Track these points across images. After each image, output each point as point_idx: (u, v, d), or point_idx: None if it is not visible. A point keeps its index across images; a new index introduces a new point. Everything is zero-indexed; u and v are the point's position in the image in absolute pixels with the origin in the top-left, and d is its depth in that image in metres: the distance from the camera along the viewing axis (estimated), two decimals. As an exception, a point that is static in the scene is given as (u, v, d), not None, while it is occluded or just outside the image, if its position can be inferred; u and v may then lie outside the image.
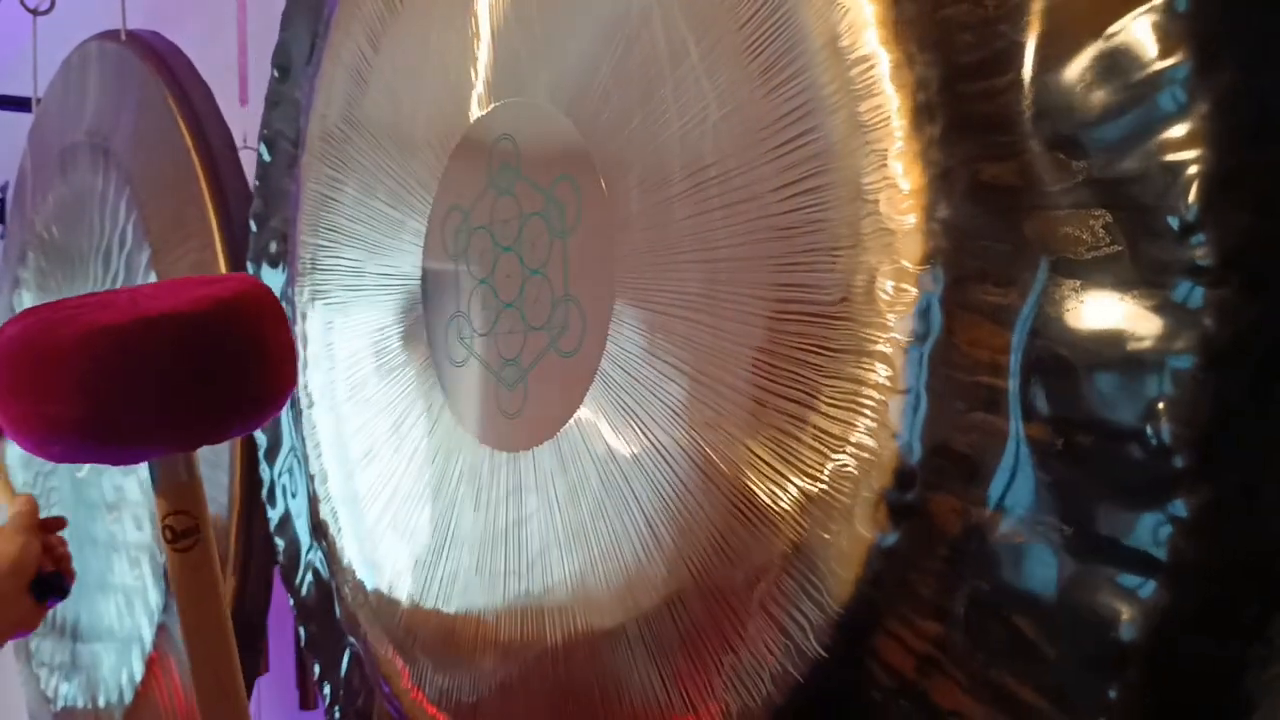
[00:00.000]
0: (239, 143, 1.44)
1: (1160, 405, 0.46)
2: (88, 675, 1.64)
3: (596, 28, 0.74)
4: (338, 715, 1.00)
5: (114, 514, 1.53)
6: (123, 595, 1.52)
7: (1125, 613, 0.47)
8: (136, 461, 0.57)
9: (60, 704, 1.73)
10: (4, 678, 2.23)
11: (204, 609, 0.58)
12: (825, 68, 0.59)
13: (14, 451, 1.85)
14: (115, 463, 0.59)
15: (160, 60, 1.47)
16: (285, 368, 0.57)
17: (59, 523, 1.05)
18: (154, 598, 1.43)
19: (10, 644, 1.95)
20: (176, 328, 0.52)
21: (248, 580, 1.30)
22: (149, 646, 1.46)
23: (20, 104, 1.91)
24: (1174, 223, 0.47)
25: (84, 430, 0.52)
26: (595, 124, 0.73)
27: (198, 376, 0.53)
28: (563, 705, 0.73)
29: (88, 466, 1.59)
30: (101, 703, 1.60)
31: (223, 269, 1.32)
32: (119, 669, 1.54)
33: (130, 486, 1.49)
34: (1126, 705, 0.47)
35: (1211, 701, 0.48)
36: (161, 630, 1.43)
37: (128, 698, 1.52)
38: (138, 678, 1.50)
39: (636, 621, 0.68)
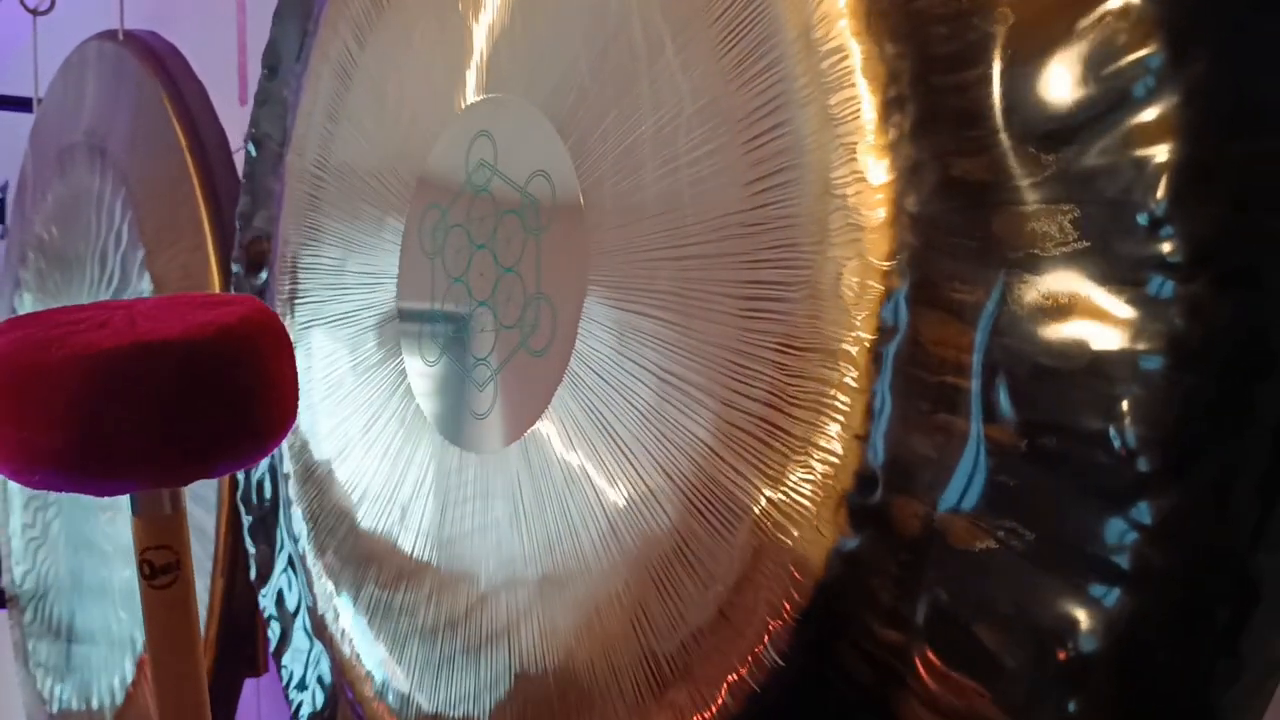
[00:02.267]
0: (238, 144, 1.43)
1: (1126, 406, 0.45)
2: (81, 677, 1.64)
3: (576, 24, 0.73)
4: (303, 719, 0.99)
5: (108, 515, 1.53)
6: (116, 598, 1.51)
7: (1088, 622, 0.45)
8: (120, 493, 0.52)
9: (56, 706, 1.72)
10: (2, 679, 2.23)
11: (179, 651, 0.54)
12: (798, 60, 0.58)
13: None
14: (99, 494, 0.51)
15: (157, 60, 1.47)
16: (287, 401, 0.53)
17: None
18: (145, 601, 1.43)
19: (9, 645, 1.95)
20: (176, 356, 0.48)
21: (235, 582, 1.29)
22: (140, 649, 1.45)
23: (20, 104, 1.91)
24: (1142, 218, 0.45)
25: (68, 459, 0.48)
26: (571, 120, 0.72)
27: (195, 409, 0.49)
28: (525, 713, 0.72)
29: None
30: (94, 704, 1.60)
31: (214, 270, 1.31)
32: (111, 671, 1.54)
33: (124, 488, 1.48)
34: (1087, 717, 0.46)
35: (1178, 714, 0.46)
36: (152, 634, 1.42)
37: (119, 699, 1.52)
38: (129, 680, 1.49)
39: (598, 628, 0.67)
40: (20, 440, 0.48)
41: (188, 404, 0.49)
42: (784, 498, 0.56)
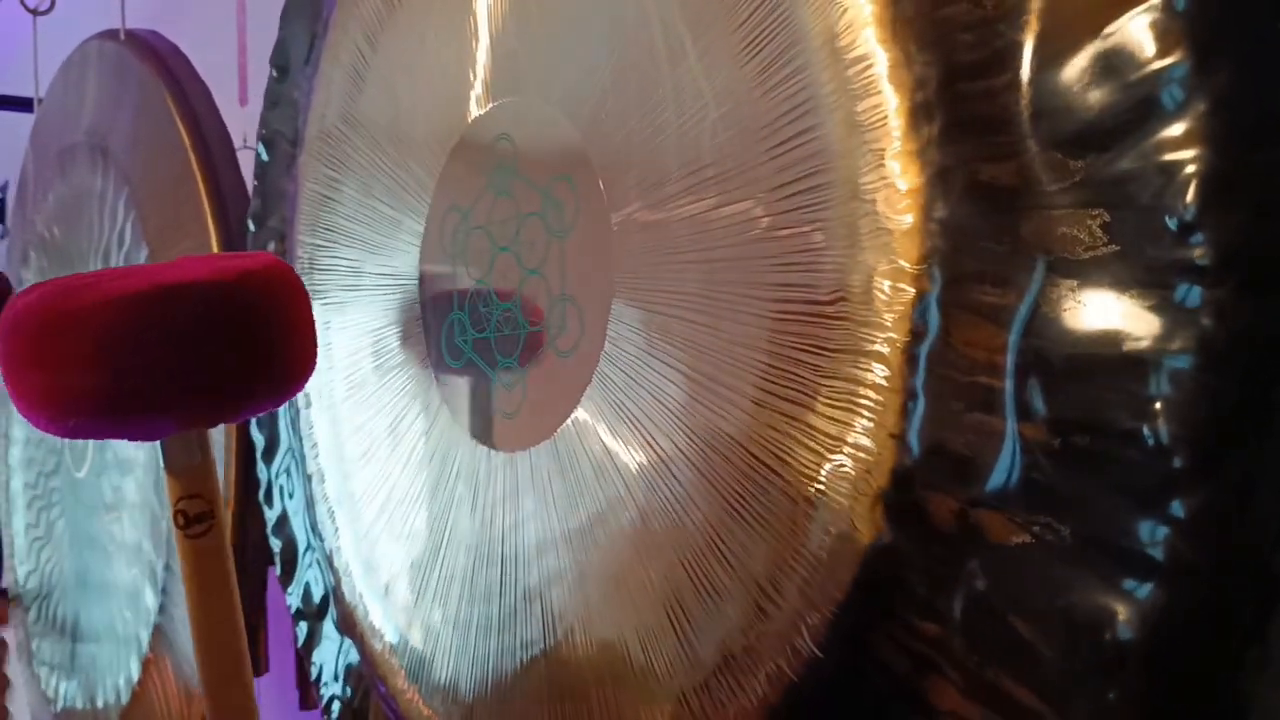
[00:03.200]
0: (239, 143, 1.44)
1: (1158, 406, 0.46)
2: (86, 675, 1.64)
3: (595, 28, 0.74)
4: (335, 714, 1.00)
5: (113, 514, 1.53)
6: (121, 596, 1.52)
7: (1122, 613, 0.47)
8: (152, 437, 0.54)
9: (60, 704, 1.73)
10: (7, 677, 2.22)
11: (216, 598, 0.56)
12: (823, 67, 0.59)
13: (15, 453, 1.85)
14: (131, 437, 0.53)
15: (159, 60, 1.47)
16: (307, 345, 0.55)
17: None
18: (150, 599, 1.43)
19: (13, 644, 1.95)
20: (200, 296, 0.50)
21: (244, 581, 1.30)
22: (145, 648, 1.46)
23: (21, 104, 1.91)
24: (1172, 223, 0.46)
25: (102, 400, 0.50)
26: (593, 123, 0.73)
27: (220, 347, 0.51)
28: (559, 706, 0.73)
29: (87, 466, 1.59)
30: (99, 703, 1.60)
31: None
32: (116, 670, 1.54)
33: (129, 488, 1.49)
34: (1124, 706, 0.47)
35: (1208, 702, 0.47)
36: (157, 631, 1.43)
37: (125, 698, 1.53)
38: (135, 678, 1.50)
39: (633, 622, 0.68)
40: (54, 385, 0.50)
41: (213, 343, 0.51)
42: (819, 494, 0.57)
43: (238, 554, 1.29)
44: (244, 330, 0.52)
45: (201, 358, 0.51)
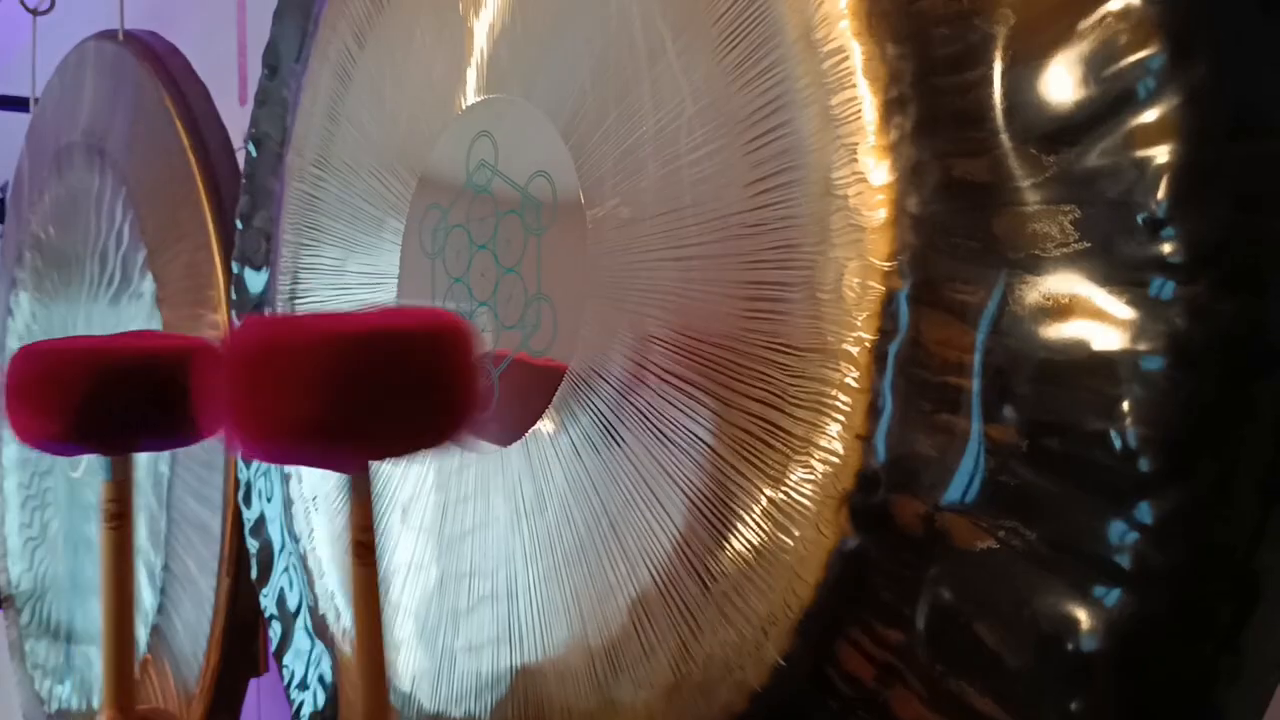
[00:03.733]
0: (237, 143, 1.43)
1: (1127, 406, 0.45)
2: (81, 677, 1.63)
3: (577, 25, 0.73)
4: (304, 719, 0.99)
5: (108, 516, 1.53)
6: (115, 598, 1.51)
7: (1089, 621, 0.45)
8: (345, 468, 0.60)
9: (54, 706, 1.72)
10: None
11: (377, 617, 0.61)
12: (799, 61, 0.58)
13: (9, 453, 1.85)
14: (329, 465, 0.62)
15: (157, 60, 1.46)
16: (476, 392, 0.60)
17: None
18: (148, 599, 1.43)
19: (4, 645, 1.95)
20: (411, 343, 0.56)
21: (240, 581, 1.29)
22: (143, 649, 1.45)
23: (19, 104, 1.91)
24: (1143, 218, 0.45)
25: (319, 429, 0.55)
26: (573, 121, 0.72)
27: (423, 390, 0.57)
28: (526, 709, 0.72)
29: (83, 468, 1.59)
30: (95, 704, 1.60)
31: (219, 269, 1.31)
32: (111, 671, 1.54)
33: (124, 488, 1.48)
34: (1091, 715, 0.46)
35: (1180, 712, 0.46)
36: (155, 631, 1.42)
37: (120, 700, 1.52)
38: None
39: (601, 626, 0.67)
40: (275, 412, 0.55)
41: (418, 387, 0.56)
42: (785, 498, 0.56)
43: (234, 554, 1.29)
44: (444, 377, 0.58)
45: (406, 399, 0.56)
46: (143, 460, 1.44)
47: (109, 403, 0.71)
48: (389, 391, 0.55)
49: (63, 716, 1.70)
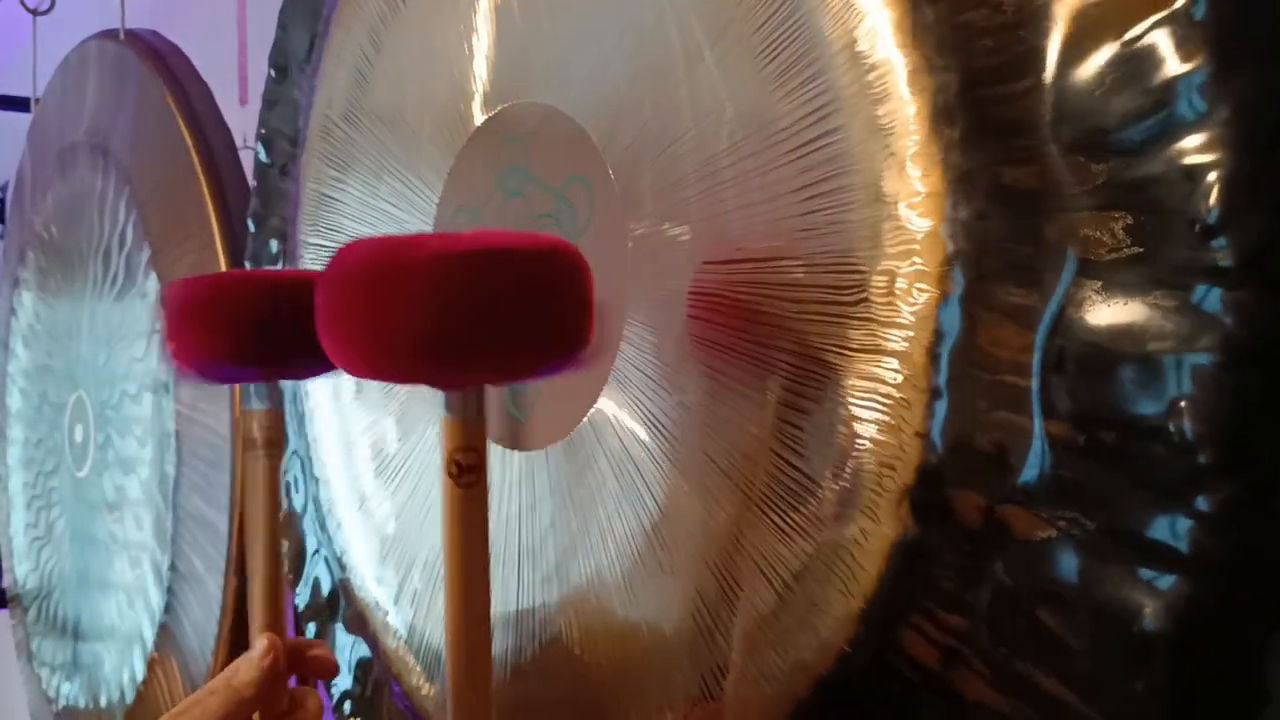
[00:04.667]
0: (239, 142, 1.44)
1: (1182, 403, 0.47)
2: (89, 675, 1.64)
3: (607, 28, 0.75)
4: (347, 712, 1.00)
5: (115, 514, 1.54)
6: (124, 595, 1.52)
7: (1148, 605, 0.48)
8: (450, 386, 0.59)
9: (62, 704, 1.73)
10: (5, 677, 2.22)
11: (475, 547, 0.60)
12: (843, 71, 0.60)
13: (15, 453, 1.85)
14: (433, 383, 0.59)
15: (159, 60, 1.47)
16: (589, 320, 0.60)
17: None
18: (155, 598, 1.44)
19: (11, 643, 1.95)
20: (523, 261, 0.56)
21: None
22: (150, 646, 1.46)
23: (20, 104, 1.91)
24: (1195, 226, 0.47)
25: (425, 345, 0.55)
26: (607, 125, 0.74)
27: (531, 310, 0.57)
28: (580, 698, 0.74)
29: (89, 466, 1.60)
30: (103, 703, 1.60)
31: (222, 269, 1.32)
32: (120, 669, 1.54)
33: (131, 486, 1.49)
34: (1151, 696, 0.48)
35: (1232, 691, 0.49)
36: (163, 630, 1.43)
37: (129, 698, 1.53)
38: (139, 678, 1.50)
39: (655, 618, 0.69)
40: (381, 328, 0.55)
41: (526, 306, 0.56)
42: (844, 492, 0.58)
43: (243, 552, 1.30)
44: (553, 299, 0.58)
45: (514, 317, 0.56)
46: (146, 458, 1.45)
47: (275, 324, 0.73)
48: (502, 308, 0.55)
49: (70, 714, 1.71)
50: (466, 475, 0.59)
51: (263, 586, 0.79)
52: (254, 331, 0.74)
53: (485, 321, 0.55)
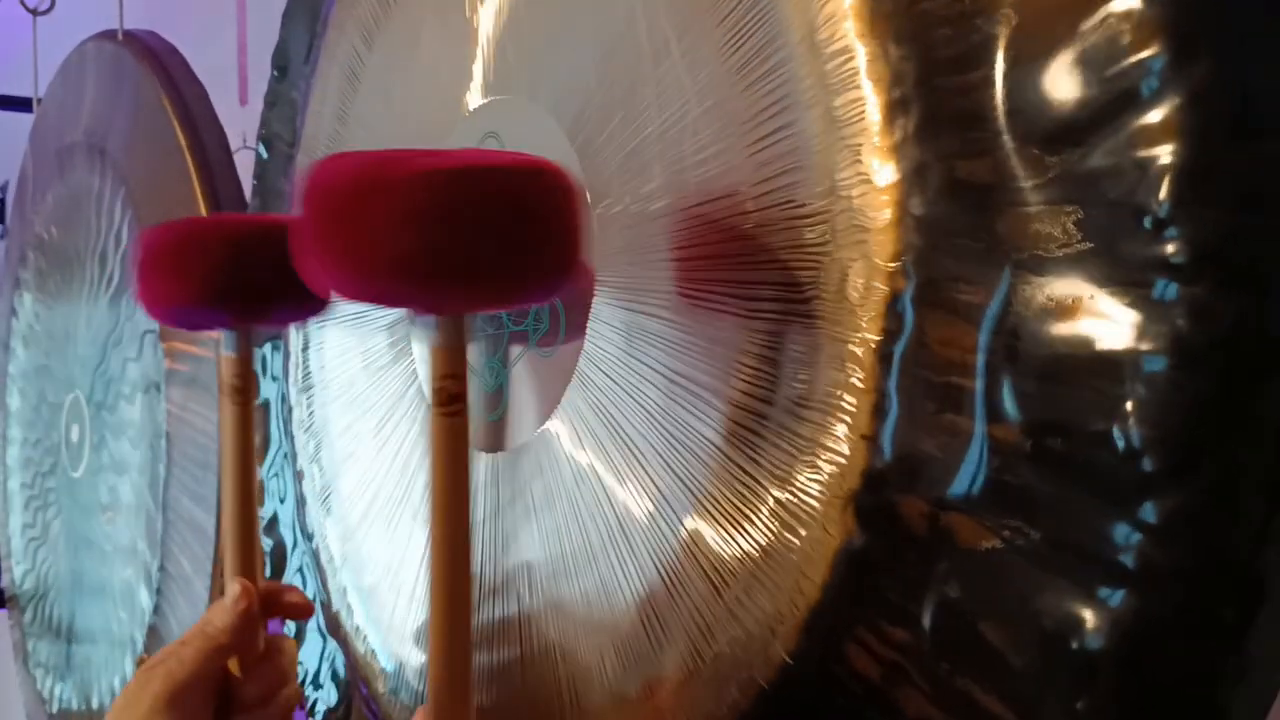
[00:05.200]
0: (238, 143, 1.44)
1: (1130, 406, 0.45)
2: (81, 677, 1.64)
3: (582, 26, 0.74)
4: (319, 717, 0.99)
5: (108, 515, 1.53)
6: (116, 597, 1.52)
7: (1093, 621, 0.46)
8: (435, 309, 0.57)
9: (55, 705, 1.73)
10: (2, 679, 2.23)
11: (456, 476, 0.59)
12: (803, 61, 0.58)
13: (13, 454, 1.86)
14: (415, 305, 0.57)
15: (156, 60, 1.47)
16: (578, 243, 0.59)
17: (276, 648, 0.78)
18: (144, 599, 1.43)
19: (8, 645, 1.95)
20: (509, 178, 0.54)
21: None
22: (140, 648, 1.45)
23: (20, 104, 1.92)
24: (1146, 219, 0.45)
25: (408, 264, 0.53)
26: (579, 122, 0.73)
27: (522, 233, 0.55)
28: (533, 708, 0.72)
29: (84, 467, 1.59)
30: (95, 704, 1.60)
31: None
32: (111, 671, 1.54)
33: (124, 489, 1.49)
34: (1095, 715, 0.46)
35: (1184, 712, 0.46)
36: (152, 632, 1.42)
37: (120, 700, 1.52)
38: (129, 680, 1.49)
39: (608, 624, 0.67)
40: (363, 245, 0.53)
41: (515, 227, 0.55)
42: (792, 498, 0.56)
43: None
44: (543, 219, 0.56)
45: (501, 235, 0.54)
46: (138, 459, 1.44)
47: (241, 269, 0.72)
48: (489, 226, 0.53)
49: (64, 716, 1.71)
50: (453, 404, 0.57)
51: (234, 531, 0.78)
52: (221, 276, 0.73)
53: (472, 239, 0.53)
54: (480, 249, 0.53)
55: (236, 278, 0.73)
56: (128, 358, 1.48)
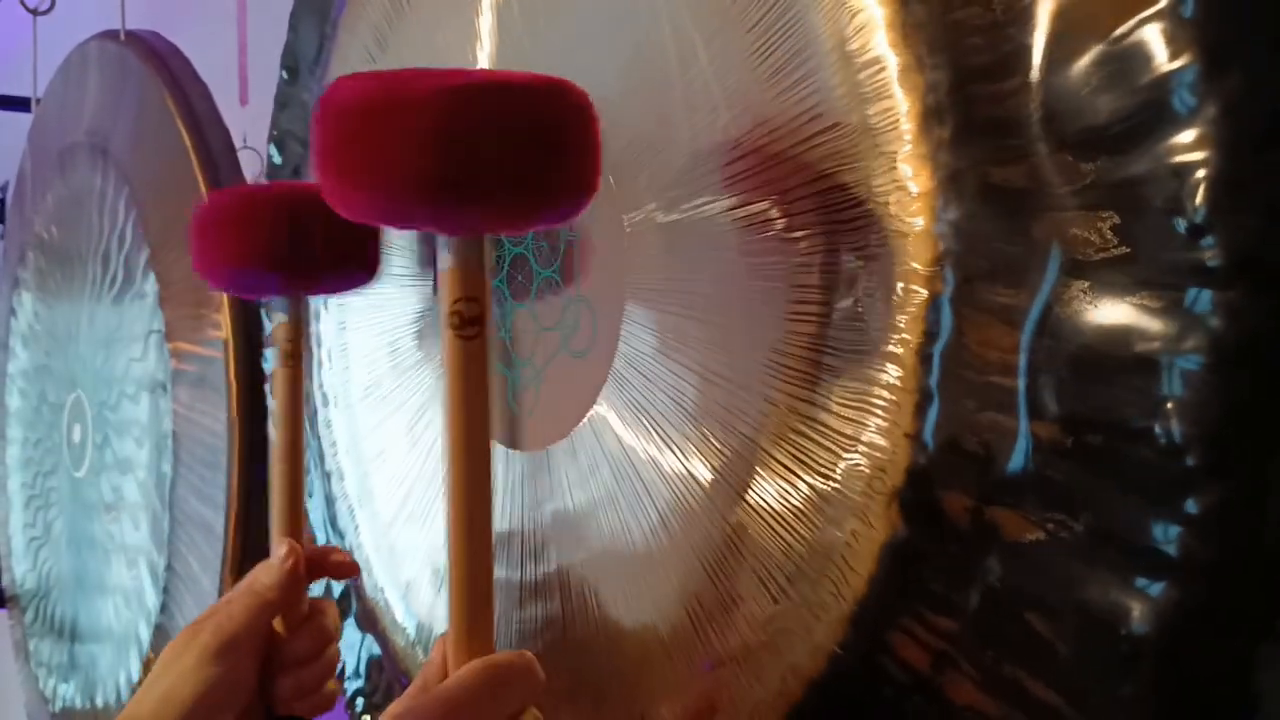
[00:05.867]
0: (239, 143, 1.44)
1: (1170, 405, 0.47)
2: (85, 676, 1.64)
3: (604, 30, 0.75)
4: (359, 709, 1.00)
5: (112, 515, 1.53)
6: (120, 596, 1.52)
7: (1136, 610, 0.48)
8: (451, 230, 0.56)
9: (58, 704, 1.73)
10: (3, 678, 2.22)
11: (475, 402, 0.58)
12: (834, 70, 0.60)
13: (13, 453, 1.85)
14: (434, 226, 0.56)
15: (159, 60, 1.47)
16: (595, 164, 0.58)
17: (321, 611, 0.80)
18: (151, 598, 1.44)
19: (9, 643, 1.95)
20: (523, 95, 0.54)
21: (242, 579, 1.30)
22: (146, 647, 1.46)
23: (20, 104, 1.91)
24: (1182, 225, 0.47)
25: (426, 181, 0.52)
26: (604, 126, 0.74)
27: (541, 149, 0.54)
28: (579, 694, 0.74)
29: (86, 466, 1.59)
30: (99, 703, 1.60)
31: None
32: (116, 670, 1.54)
33: (129, 488, 1.49)
34: (1139, 701, 0.48)
35: (1221, 697, 0.48)
36: (158, 631, 1.43)
37: (126, 698, 1.52)
38: (135, 679, 1.50)
39: (653, 618, 0.69)
40: (379, 163, 0.53)
41: (533, 144, 0.54)
42: (835, 493, 0.58)
43: (239, 553, 1.30)
44: (562, 136, 0.55)
45: (517, 153, 0.54)
46: (143, 459, 1.45)
47: (295, 235, 0.74)
48: (505, 143, 0.53)
49: (67, 715, 1.71)
50: (469, 327, 0.56)
51: (282, 494, 0.79)
52: (276, 241, 0.74)
53: (488, 157, 0.52)
54: (496, 166, 0.53)
55: (291, 243, 0.74)
56: (132, 357, 1.48)
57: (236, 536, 1.30)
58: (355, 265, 0.78)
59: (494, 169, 0.53)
